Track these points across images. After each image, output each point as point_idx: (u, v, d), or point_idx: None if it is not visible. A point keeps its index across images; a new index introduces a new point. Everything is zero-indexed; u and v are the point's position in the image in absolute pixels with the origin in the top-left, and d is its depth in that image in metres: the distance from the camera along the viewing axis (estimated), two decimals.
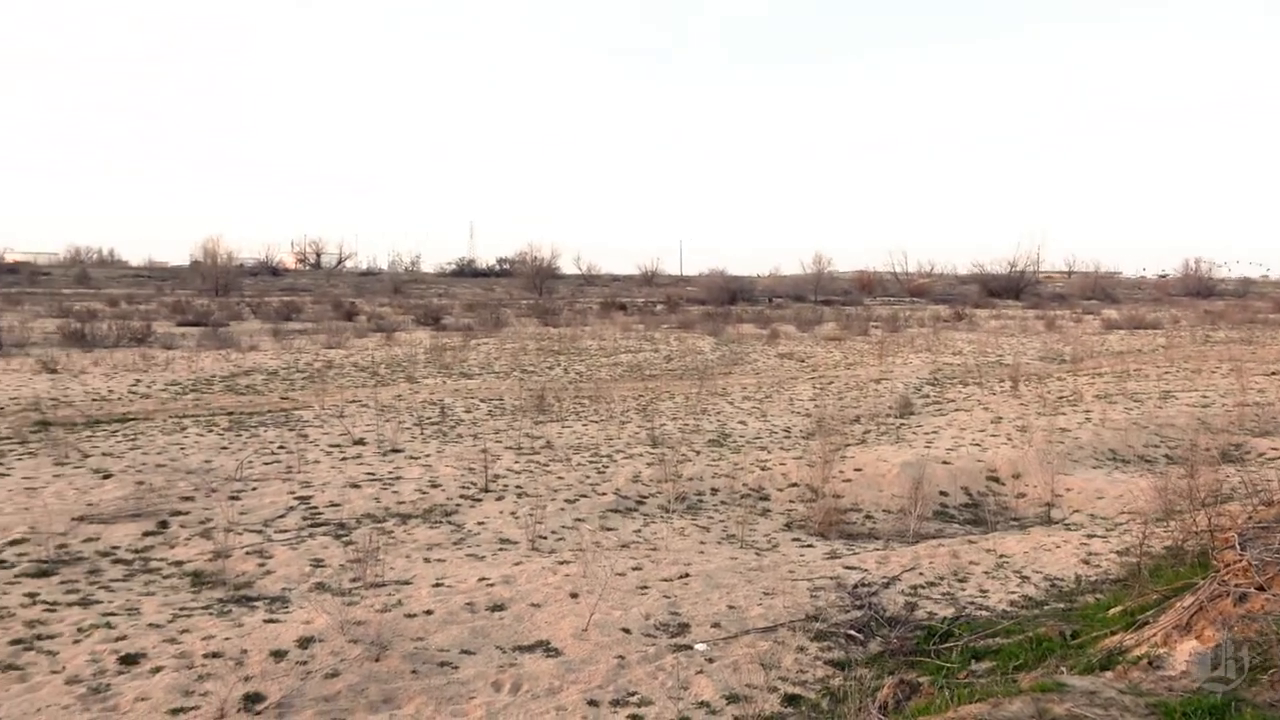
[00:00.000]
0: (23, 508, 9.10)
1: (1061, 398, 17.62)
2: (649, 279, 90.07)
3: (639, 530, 9.41)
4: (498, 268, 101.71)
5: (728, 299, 56.74)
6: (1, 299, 46.13)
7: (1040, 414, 15.64)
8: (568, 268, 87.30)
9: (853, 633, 6.45)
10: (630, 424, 14.86)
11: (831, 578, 7.78)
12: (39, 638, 6.11)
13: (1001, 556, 8.59)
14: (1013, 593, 7.60)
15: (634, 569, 7.81)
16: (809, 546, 9.18)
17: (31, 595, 6.89)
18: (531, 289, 65.15)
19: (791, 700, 5.45)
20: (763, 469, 11.86)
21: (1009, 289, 65.23)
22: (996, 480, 11.86)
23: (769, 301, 59.57)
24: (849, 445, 13.16)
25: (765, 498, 10.99)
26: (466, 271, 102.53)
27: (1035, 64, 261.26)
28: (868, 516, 10.56)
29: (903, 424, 15.23)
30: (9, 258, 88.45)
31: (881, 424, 15.27)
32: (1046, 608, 7.14)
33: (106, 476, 10.46)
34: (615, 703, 5.31)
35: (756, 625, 6.57)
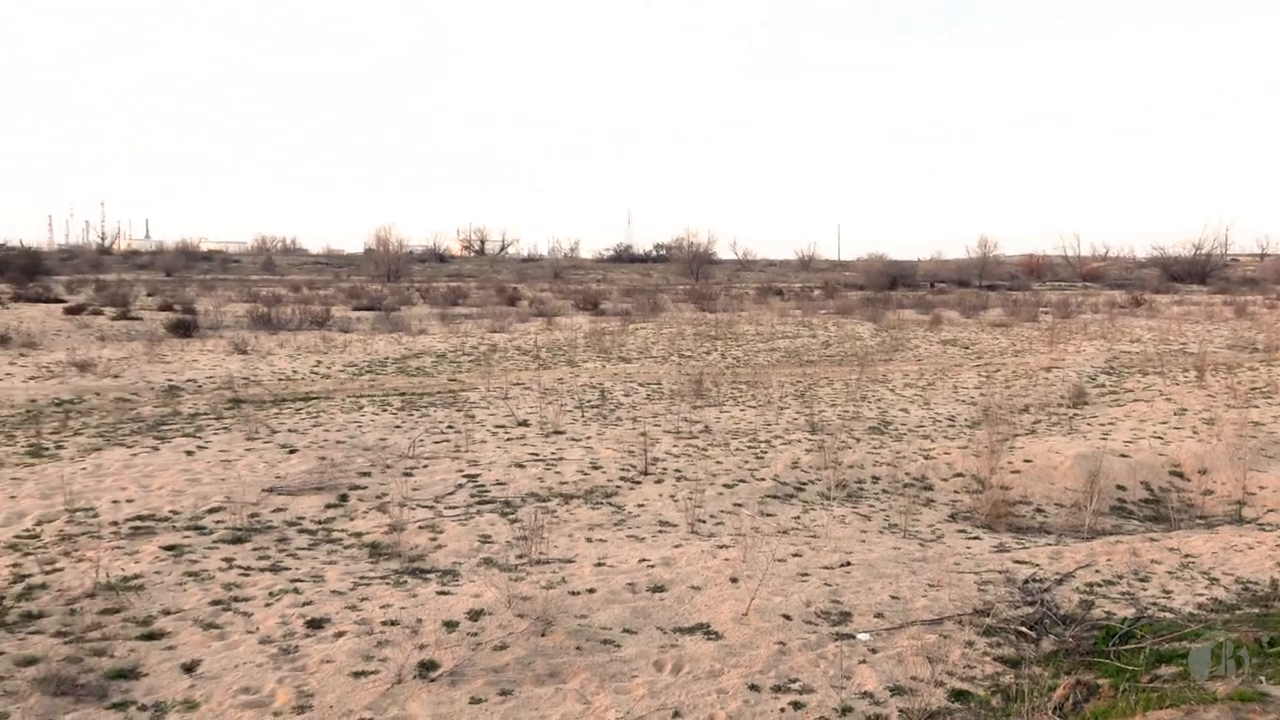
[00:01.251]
0: (219, 479, 9.78)
1: (1254, 389, 16.45)
2: (806, 264, 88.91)
3: (798, 517, 9.34)
4: (655, 253, 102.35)
5: (887, 284, 55.39)
6: (197, 285, 49.53)
7: (1230, 406, 14.67)
8: (724, 253, 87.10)
9: (1024, 629, 6.23)
10: (788, 410, 14.74)
11: (1000, 572, 7.53)
12: (235, 599, 6.56)
13: (1187, 556, 8.12)
14: (1200, 595, 7.18)
15: (794, 555, 7.76)
16: (975, 539, 8.91)
17: (228, 560, 7.40)
18: (688, 274, 65.29)
19: (959, 696, 5.32)
20: (926, 458, 11.57)
21: (1193, 273, 61.21)
22: (1180, 475, 11.21)
23: (931, 286, 57.86)
24: (1017, 435, 12.69)
25: (929, 487, 10.72)
26: (624, 257, 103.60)
27: (1223, 33, 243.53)
28: (1038, 510, 10.16)
29: (1076, 414, 14.56)
30: (204, 246, 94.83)
31: (1053, 414, 14.65)
32: (1238, 612, 6.71)
33: (292, 451, 11.12)
34: (776, 689, 5.30)
35: (921, 617, 6.43)
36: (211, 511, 8.69)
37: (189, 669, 5.45)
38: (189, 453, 10.94)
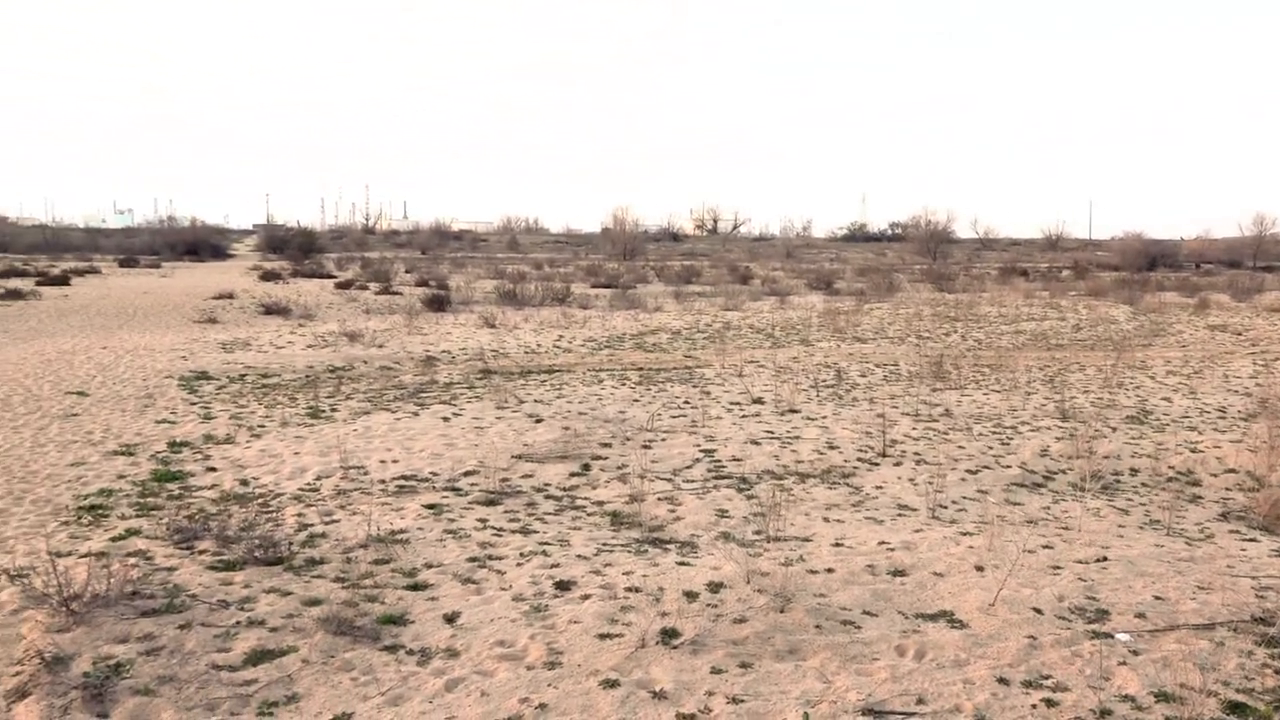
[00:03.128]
0: (473, 444, 10.39)
1: None
2: (1053, 243, 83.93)
3: (1047, 507, 8.87)
4: (890, 232, 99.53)
5: (1145, 264, 51.43)
6: (449, 262, 52.59)
7: None
8: (964, 231, 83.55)
9: None
10: (1035, 395, 14.01)
11: None
12: (490, 558, 6.96)
13: None
14: None
15: (1044, 547, 7.39)
16: (1251, 540, 8.16)
17: (482, 520, 7.86)
18: (925, 253, 63.10)
19: (1235, 708, 4.90)
20: (1193, 451, 10.69)
21: None
22: None
23: (1196, 267, 53.20)
24: None
25: (1195, 483, 9.91)
26: (858, 236, 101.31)
27: None
28: None
29: None
30: (455, 226, 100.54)
31: None
32: None
33: (538, 421, 11.65)
34: (1027, 684, 5.08)
35: (1189, 621, 5.97)
36: (466, 474, 9.25)
37: (450, 619, 5.84)
38: (445, 419, 11.69)
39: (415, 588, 6.35)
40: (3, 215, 68.80)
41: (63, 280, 34.39)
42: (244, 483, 8.88)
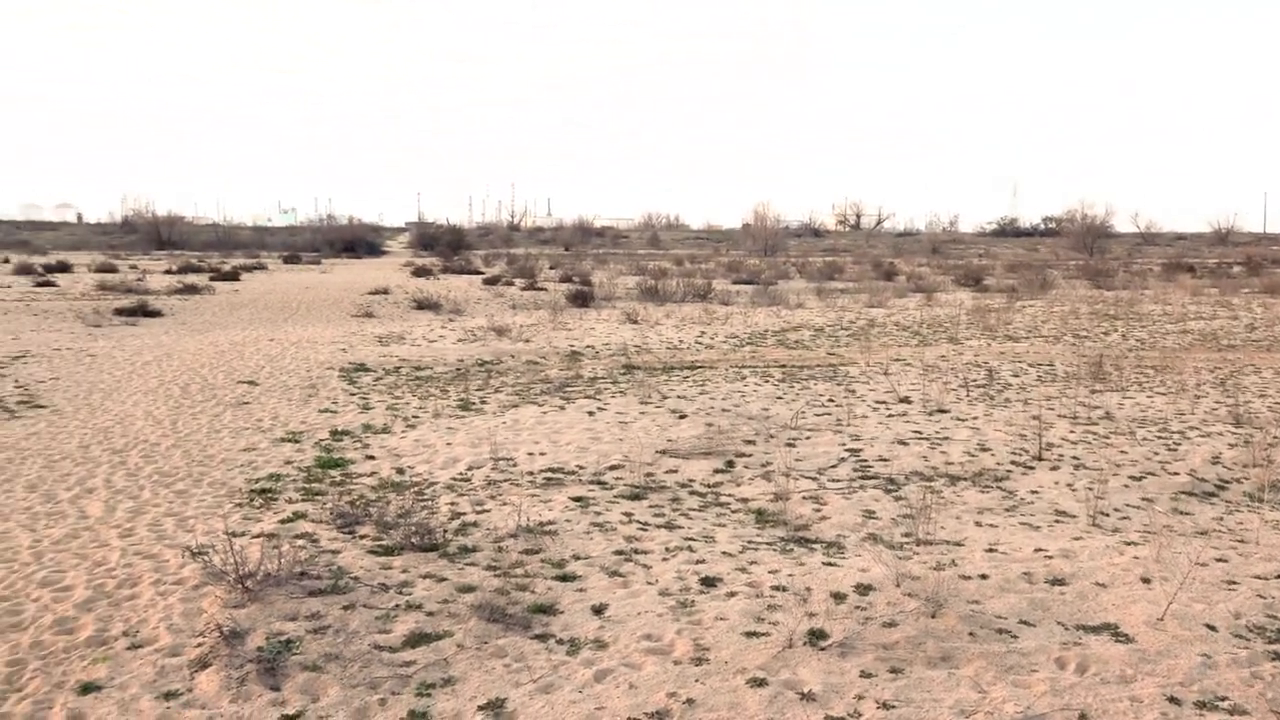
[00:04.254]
0: (618, 439, 10.51)
1: None
2: (1222, 237, 79.13)
3: (1220, 518, 8.36)
4: (1043, 227, 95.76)
5: None
6: (592, 259, 53.32)
7: None
8: (1123, 226, 79.54)
9: None
10: (1205, 399, 13.23)
11: None
12: (635, 551, 7.03)
13: None
14: None
15: (1217, 560, 6.97)
16: None
17: (628, 514, 7.94)
18: (1081, 249, 60.41)
19: None
20: None
21: None
22: None
23: None
24: None
25: None
26: (1008, 231, 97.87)
27: None
28: None
29: None
30: (597, 223, 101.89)
31: None
32: None
33: (681, 417, 11.69)
34: (1200, 704, 4.80)
35: None
36: (611, 468, 9.36)
37: (598, 611, 5.93)
38: (590, 413, 11.86)
39: (564, 578, 6.47)
40: (180, 215, 73.40)
41: (233, 276, 36.48)
42: (400, 471, 9.23)
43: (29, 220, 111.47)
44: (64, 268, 38.53)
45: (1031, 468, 9.66)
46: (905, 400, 12.92)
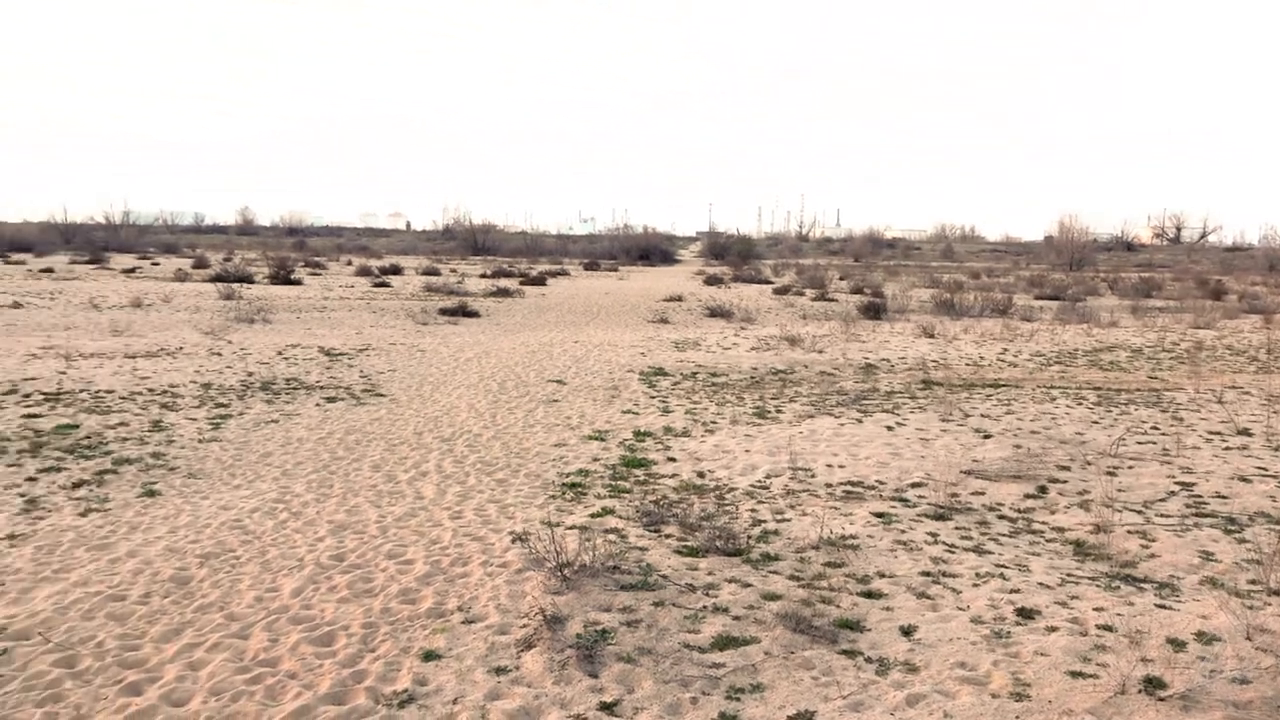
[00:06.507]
0: (919, 455, 10.20)
1: None
2: None
3: None
4: None
5: None
6: (883, 270, 52.18)
7: None
8: None
9: None
10: None
11: None
12: (943, 574, 6.78)
13: None
14: None
15: None
16: None
17: (932, 535, 7.68)
18: None
19: None
20: None
21: None
22: None
23: None
24: None
25: None
26: None
27: None
28: None
29: None
30: (887, 234, 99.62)
31: None
32: None
33: (986, 437, 11.17)
34: None
35: None
36: (913, 486, 9.09)
37: (906, 633, 5.77)
38: (889, 428, 11.58)
39: (869, 595, 6.35)
40: (492, 223, 79.16)
41: (540, 281, 38.83)
42: (700, 474, 9.43)
43: (367, 228, 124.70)
44: (396, 270, 42.60)
45: None
46: (1245, 432, 11.64)
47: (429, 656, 5.40)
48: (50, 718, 4.70)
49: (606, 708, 4.86)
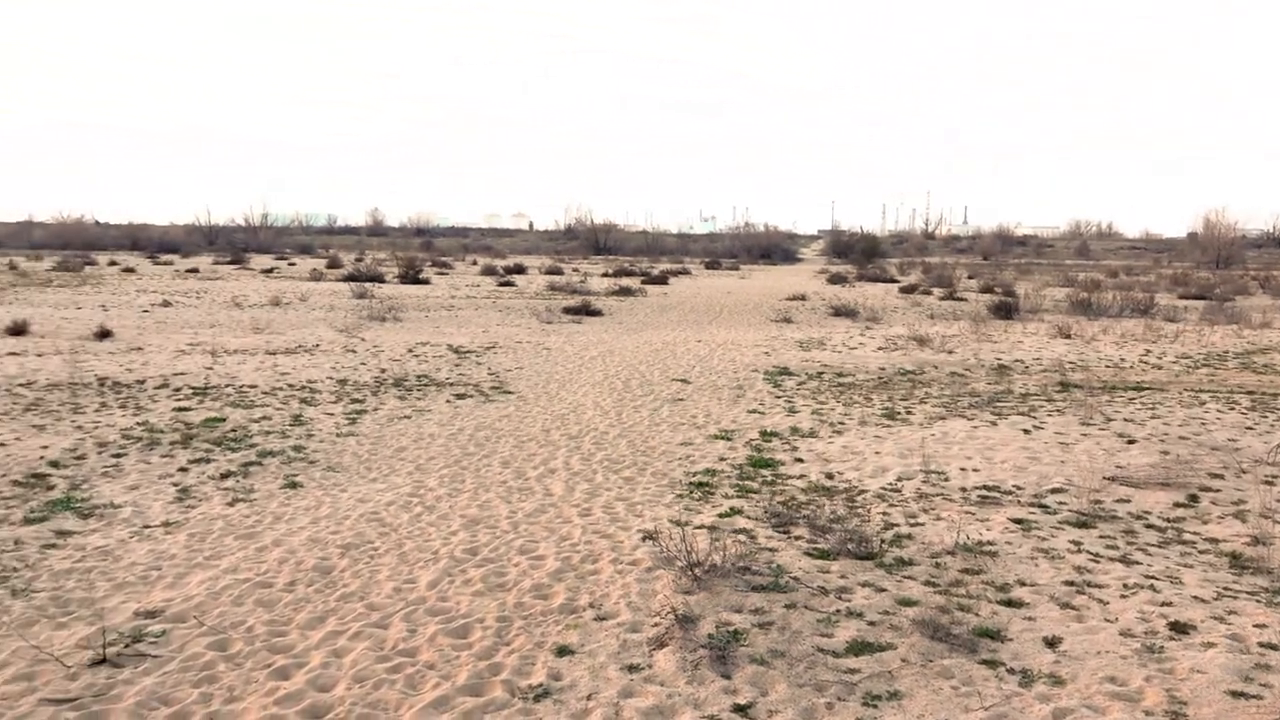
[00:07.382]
0: (1058, 460, 9.83)
1: None
2: None
3: None
4: None
5: None
6: (1013, 269, 50.55)
7: None
8: None
9: None
10: None
11: None
12: (1087, 584, 6.50)
13: None
14: None
15: None
16: None
17: (1075, 543, 7.37)
18: None
19: None
20: None
21: None
22: None
23: None
24: None
25: None
26: None
27: None
28: None
29: None
30: (1018, 231, 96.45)
31: None
32: None
33: (1130, 442, 10.68)
34: None
35: None
36: (1053, 491, 8.76)
37: (1050, 644, 5.55)
38: (1025, 431, 11.20)
39: (1009, 604, 6.14)
40: (613, 223, 79.86)
41: (662, 280, 38.98)
42: (829, 476, 9.29)
43: (491, 228, 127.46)
44: (520, 270, 43.42)
45: None
46: None
47: (562, 652, 5.46)
48: (206, 698, 4.92)
49: (740, 710, 4.82)
